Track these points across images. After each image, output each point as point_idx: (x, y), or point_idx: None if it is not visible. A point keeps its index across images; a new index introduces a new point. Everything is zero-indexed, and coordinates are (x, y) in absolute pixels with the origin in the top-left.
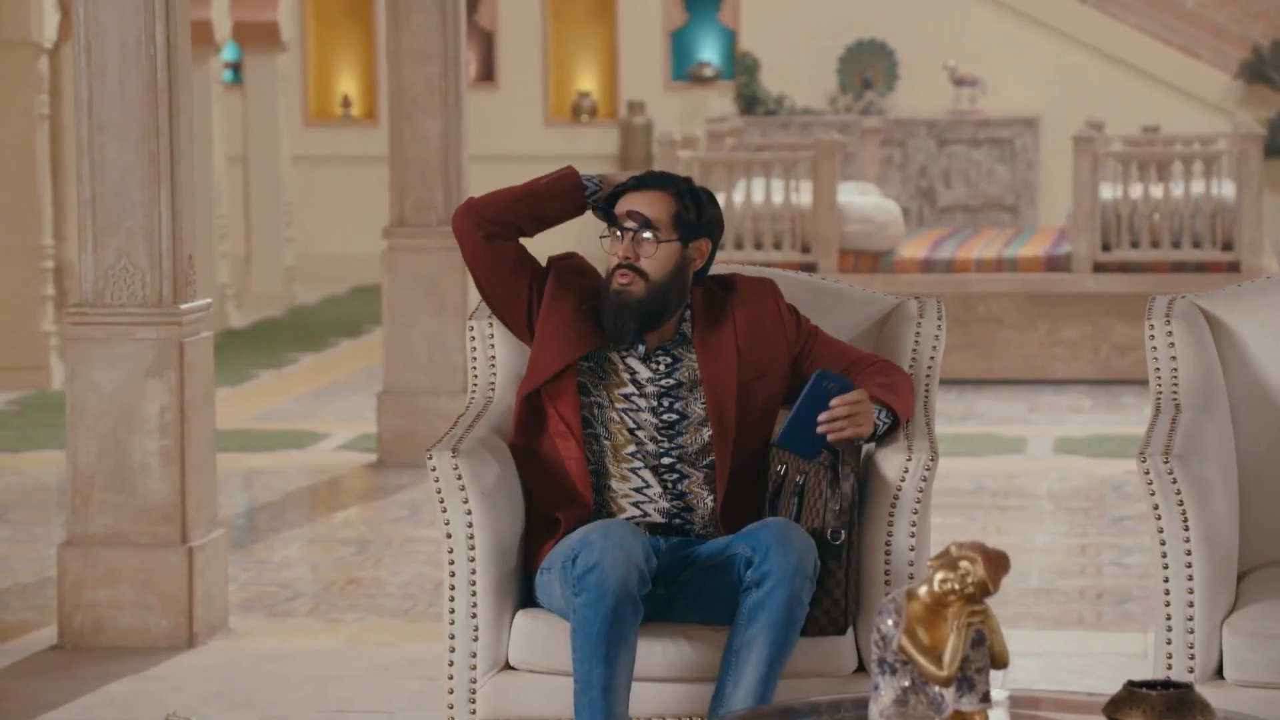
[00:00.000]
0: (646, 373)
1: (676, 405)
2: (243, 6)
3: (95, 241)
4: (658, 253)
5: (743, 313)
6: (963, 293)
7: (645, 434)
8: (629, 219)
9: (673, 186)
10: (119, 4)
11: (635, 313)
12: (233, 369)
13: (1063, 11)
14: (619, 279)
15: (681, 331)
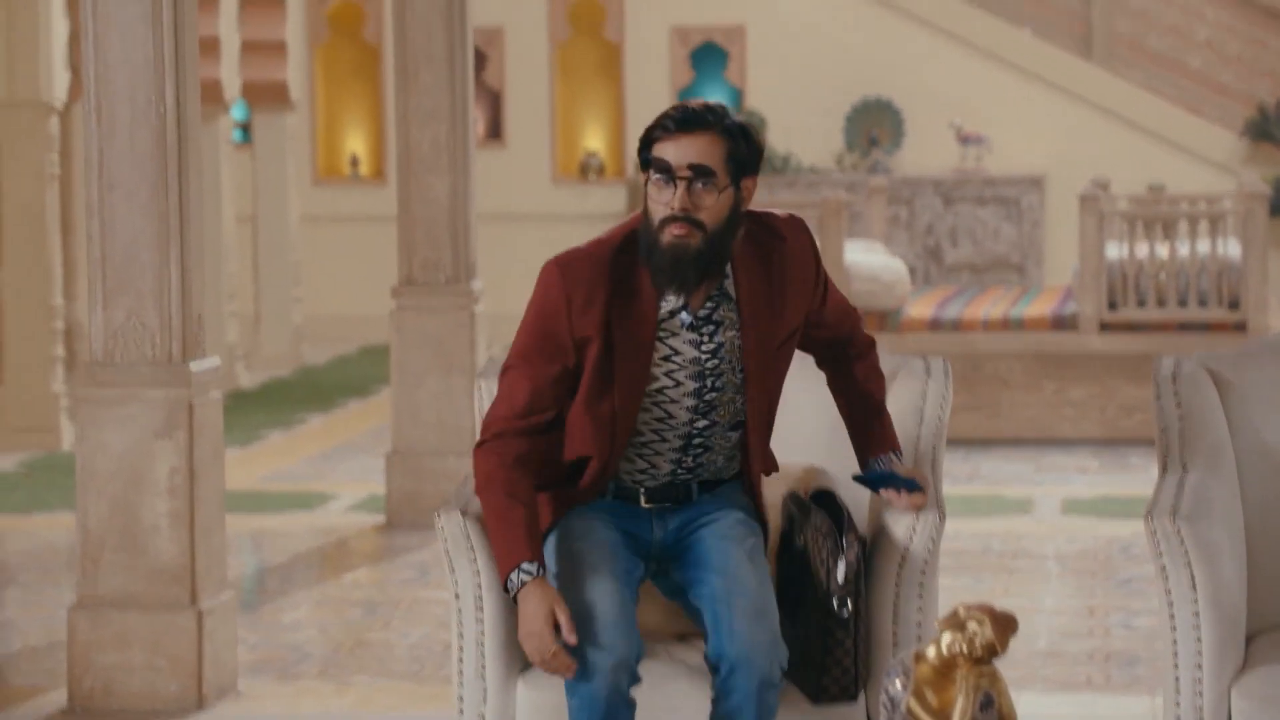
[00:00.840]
0: (692, 351)
1: (718, 383)
2: (252, 66)
3: (105, 301)
4: (717, 201)
5: (785, 263)
6: (969, 352)
7: (679, 419)
8: (686, 170)
9: (718, 123)
10: (129, 64)
11: (695, 265)
12: (242, 429)
13: (1068, 70)
14: (674, 231)
15: (724, 288)
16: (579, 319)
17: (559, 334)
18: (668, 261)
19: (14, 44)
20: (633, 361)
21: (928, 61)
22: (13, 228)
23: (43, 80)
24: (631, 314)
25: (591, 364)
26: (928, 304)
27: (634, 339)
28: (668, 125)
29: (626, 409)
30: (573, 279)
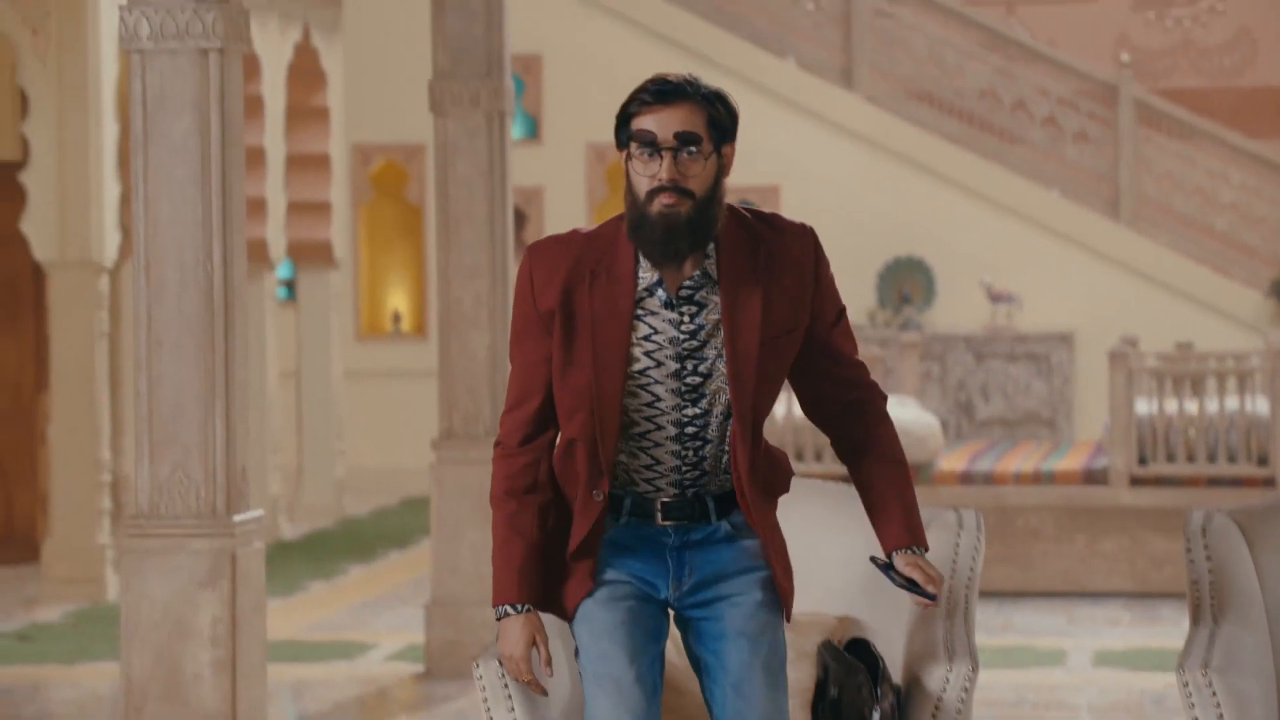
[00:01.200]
0: (672, 331)
1: (701, 367)
2: (297, 225)
3: (151, 455)
4: (704, 169)
5: (773, 254)
6: (1001, 505)
7: (667, 403)
8: (674, 139)
9: (696, 92)
10: (178, 224)
11: (688, 233)
12: (284, 580)
13: (1097, 230)
14: (664, 201)
15: (705, 269)
16: (541, 294)
17: (529, 312)
18: (660, 232)
19: (66, 204)
20: (609, 332)
21: (959, 221)
22: (62, 383)
23: (94, 240)
24: (607, 286)
25: (556, 337)
26: (960, 457)
27: (610, 309)
28: (646, 98)
29: (607, 386)
30: (537, 257)
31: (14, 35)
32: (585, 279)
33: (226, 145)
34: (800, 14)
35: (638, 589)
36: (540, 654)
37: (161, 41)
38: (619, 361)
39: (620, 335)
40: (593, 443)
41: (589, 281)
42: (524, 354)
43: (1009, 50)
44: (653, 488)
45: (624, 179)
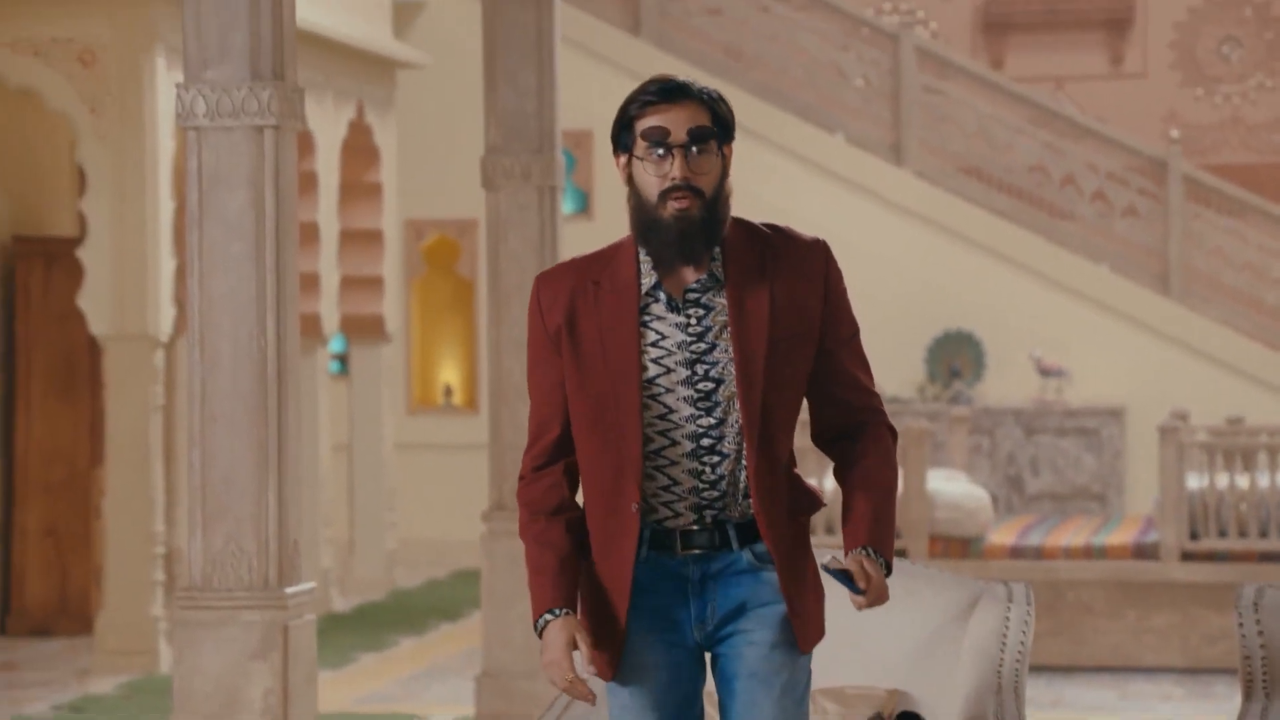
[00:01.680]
0: (679, 335)
1: (712, 372)
2: (350, 300)
3: (205, 527)
4: (713, 166)
5: (780, 259)
6: (1051, 579)
7: (680, 413)
8: (686, 136)
9: (698, 93)
10: (232, 300)
11: (702, 234)
12: (335, 651)
13: (1146, 305)
14: (676, 202)
15: (711, 271)
16: (548, 314)
17: (540, 337)
18: (674, 235)
19: (123, 280)
20: (618, 338)
21: (1008, 295)
22: (117, 456)
23: (149, 315)
24: (611, 294)
25: (566, 353)
26: (1010, 531)
27: (616, 316)
28: (651, 98)
29: (624, 390)
30: (543, 281)
31: (73, 113)
32: (589, 291)
33: (280, 221)
34: (849, 90)
35: (665, 650)
36: (583, 653)
37: (217, 119)
38: (633, 366)
39: (629, 339)
40: (617, 456)
41: (593, 293)
42: (538, 382)
43: (1058, 126)
44: (671, 512)
45: (626, 186)
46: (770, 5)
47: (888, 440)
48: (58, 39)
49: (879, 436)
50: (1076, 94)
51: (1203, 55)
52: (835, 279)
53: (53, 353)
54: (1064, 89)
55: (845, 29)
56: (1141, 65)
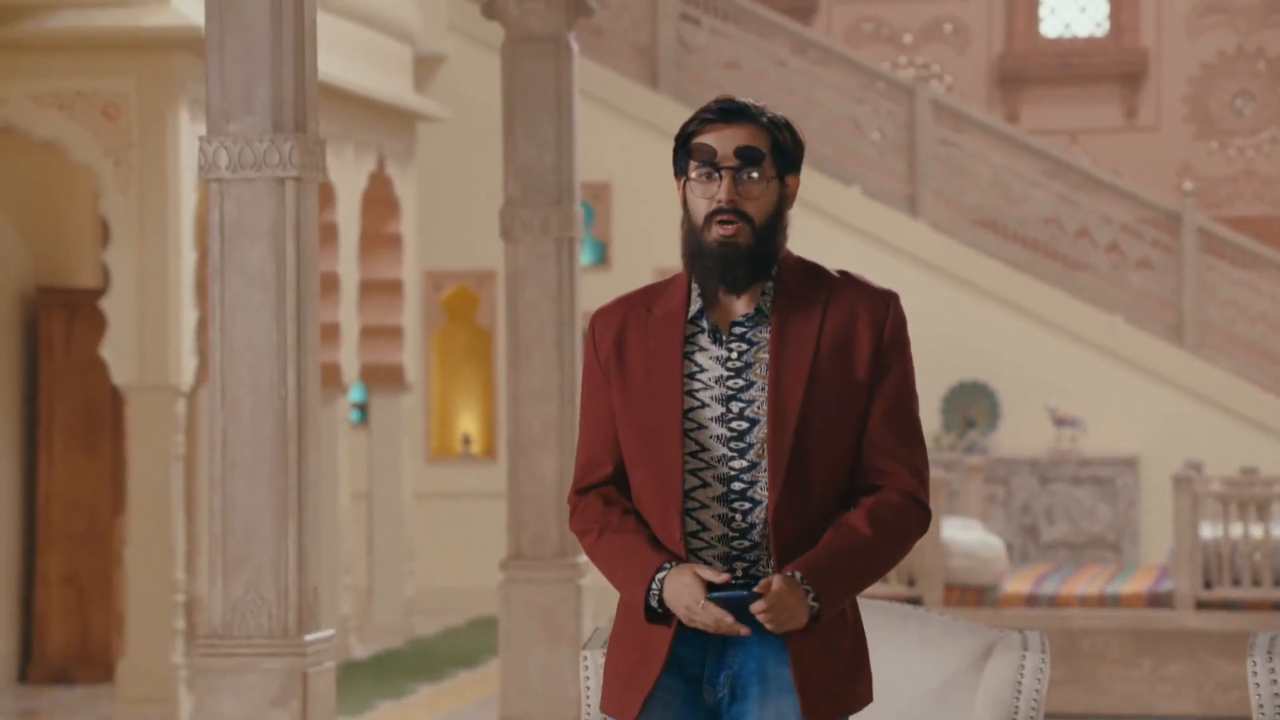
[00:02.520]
0: (718, 369)
1: (747, 411)
2: (370, 350)
3: (225, 575)
4: (764, 193)
5: (840, 305)
6: (1066, 628)
7: (713, 453)
8: (734, 157)
9: (761, 116)
10: (253, 350)
11: (746, 262)
12: (353, 699)
13: (1161, 356)
14: (721, 227)
15: (760, 305)
16: (600, 343)
17: (593, 368)
18: (716, 261)
19: (145, 330)
20: (661, 365)
21: (1023, 346)
22: (139, 505)
23: (171, 365)
24: (660, 320)
25: (614, 379)
26: (1025, 580)
27: (661, 342)
28: (709, 116)
29: (666, 419)
30: (600, 315)
31: (97, 166)
32: (640, 318)
33: (301, 271)
34: (865, 143)
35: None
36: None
37: (239, 171)
38: (675, 394)
39: (673, 367)
40: (662, 490)
41: (644, 320)
42: (589, 417)
43: (1073, 178)
44: (700, 560)
45: (682, 209)
46: (787, 59)
47: (897, 504)
48: (82, 92)
49: (889, 498)
50: (1091, 147)
51: (1216, 109)
52: (894, 332)
53: (75, 402)
54: (1079, 142)
55: (861, 83)
56: (1155, 119)
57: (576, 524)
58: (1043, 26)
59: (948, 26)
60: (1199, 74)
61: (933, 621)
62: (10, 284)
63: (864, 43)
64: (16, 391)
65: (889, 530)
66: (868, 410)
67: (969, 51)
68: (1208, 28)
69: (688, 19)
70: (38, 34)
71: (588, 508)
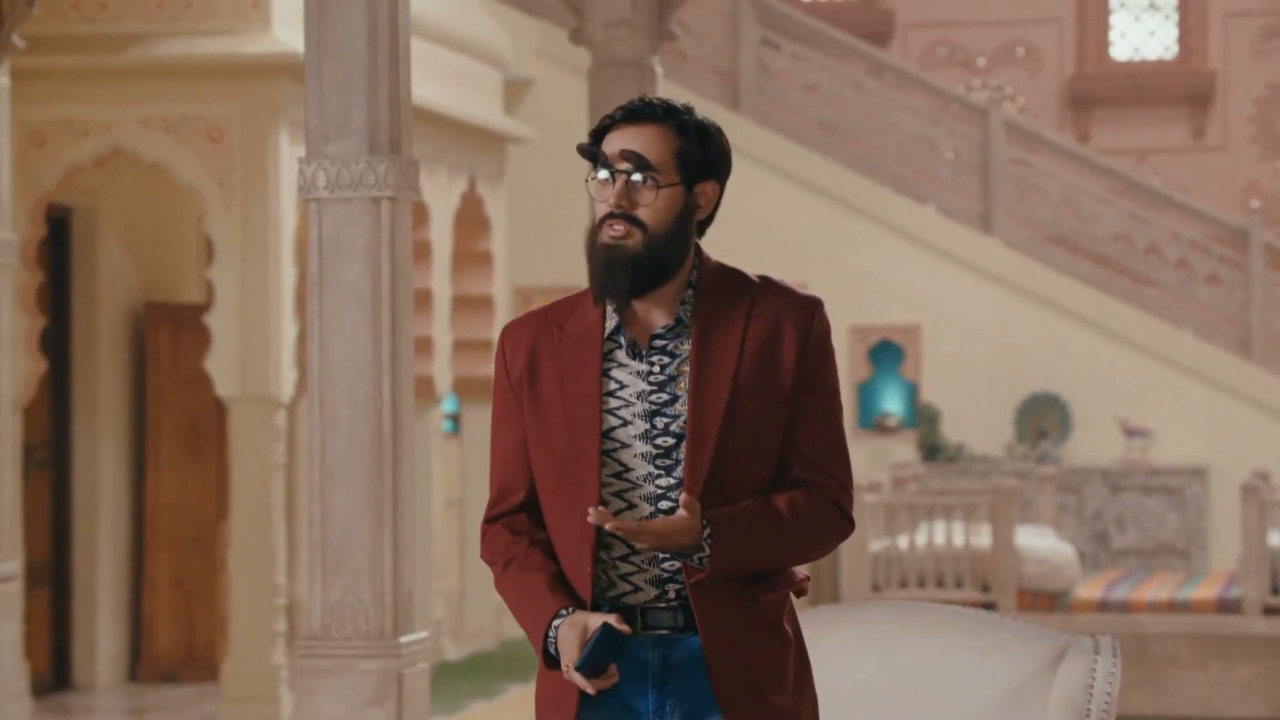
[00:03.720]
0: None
1: (672, 426)
2: (462, 363)
3: (324, 579)
4: (657, 199)
5: (763, 314)
6: (1137, 632)
7: (638, 472)
8: (621, 159)
9: (673, 119)
10: (350, 363)
11: (630, 269)
12: (447, 699)
13: (1228, 368)
14: (610, 230)
15: (680, 316)
16: (512, 363)
17: (504, 389)
18: (600, 264)
19: (247, 344)
20: (578, 384)
21: (1094, 359)
22: (241, 512)
23: (272, 377)
24: (574, 337)
25: (526, 403)
26: (1096, 586)
27: (578, 360)
28: (614, 116)
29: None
30: (509, 331)
31: (202, 187)
32: (552, 334)
33: (396, 288)
34: (940, 163)
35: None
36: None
37: (337, 191)
38: (593, 416)
39: (590, 387)
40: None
41: (556, 338)
42: (500, 443)
43: (1142, 197)
44: (630, 586)
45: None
46: (864, 82)
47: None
48: (188, 116)
49: (812, 499)
50: (1160, 166)
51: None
52: (819, 339)
53: (181, 414)
54: (1148, 162)
55: (936, 105)
56: (1223, 139)
57: (485, 554)
58: (1113, 50)
59: (1020, 50)
60: (1265, 95)
61: (1006, 626)
62: (120, 300)
63: (939, 66)
64: (126, 404)
65: (805, 523)
66: (792, 420)
67: (1041, 74)
68: (1273, 50)
69: (768, 44)
70: (146, 61)
71: (495, 538)
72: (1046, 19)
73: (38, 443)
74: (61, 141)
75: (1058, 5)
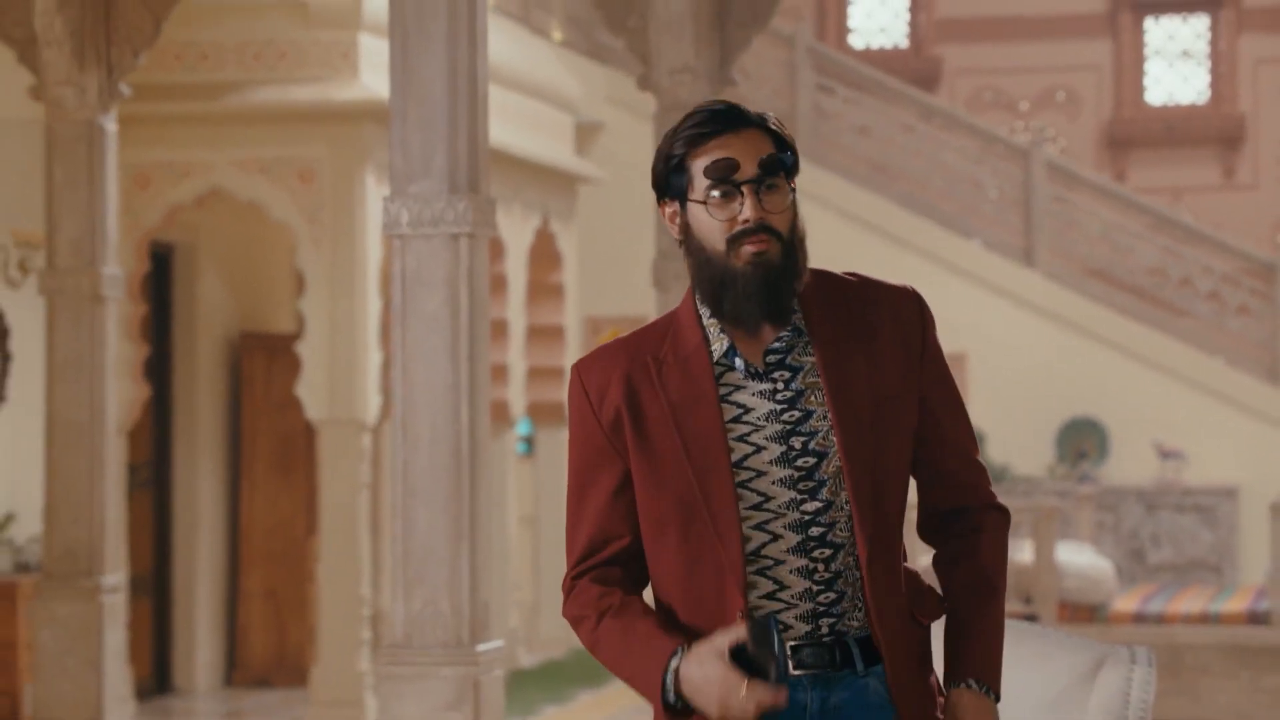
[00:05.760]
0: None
1: (811, 444)
2: (536, 388)
3: (406, 591)
4: (787, 204)
5: (878, 312)
6: (1171, 643)
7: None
8: (755, 169)
9: (760, 120)
10: (431, 389)
11: (785, 284)
12: (521, 704)
13: (1258, 394)
14: (752, 246)
15: (795, 325)
16: (601, 404)
17: (593, 434)
18: (754, 285)
19: (335, 371)
20: (697, 419)
21: (1131, 385)
22: (329, 528)
23: (358, 402)
24: (677, 368)
25: (632, 448)
26: (1132, 599)
27: (690, 393)
28: (707, 128)
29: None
30: (585, 368)
31: (294, 223)
32: (647, 367)
33: (474, 318)
34: (984, 200)
35: None
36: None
37: (419, 228)
38: (719, 450)
39: (711, 419)
40: (715, 564)
41: (654, 370)
42: (588, 489)
43: (1176, 233)
44: (780, 625)
45: (679, 239)
46: (914, 125)
47: (1002, 532)
48: (280, 158)
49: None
50: (1193, 204)
51: None
52: (932, 332)
53: (274, 436)
54: (1182, 199)
55: (981, 146)
56: (1253, 178)
57: (571, 610)
58: (1148, 95)
59: (1061, 95)
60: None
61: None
62: (217, 330)
63: (984, 109)
64: (223, 426)
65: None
66: (929, 416)
67: (1080, 117)
68: None
69: (823, 89)
70: (242, 107)
71: (582, 593)
72: (1086, 66)
73: (141, 463)
74: (164, 182)
75: (1096, 53)
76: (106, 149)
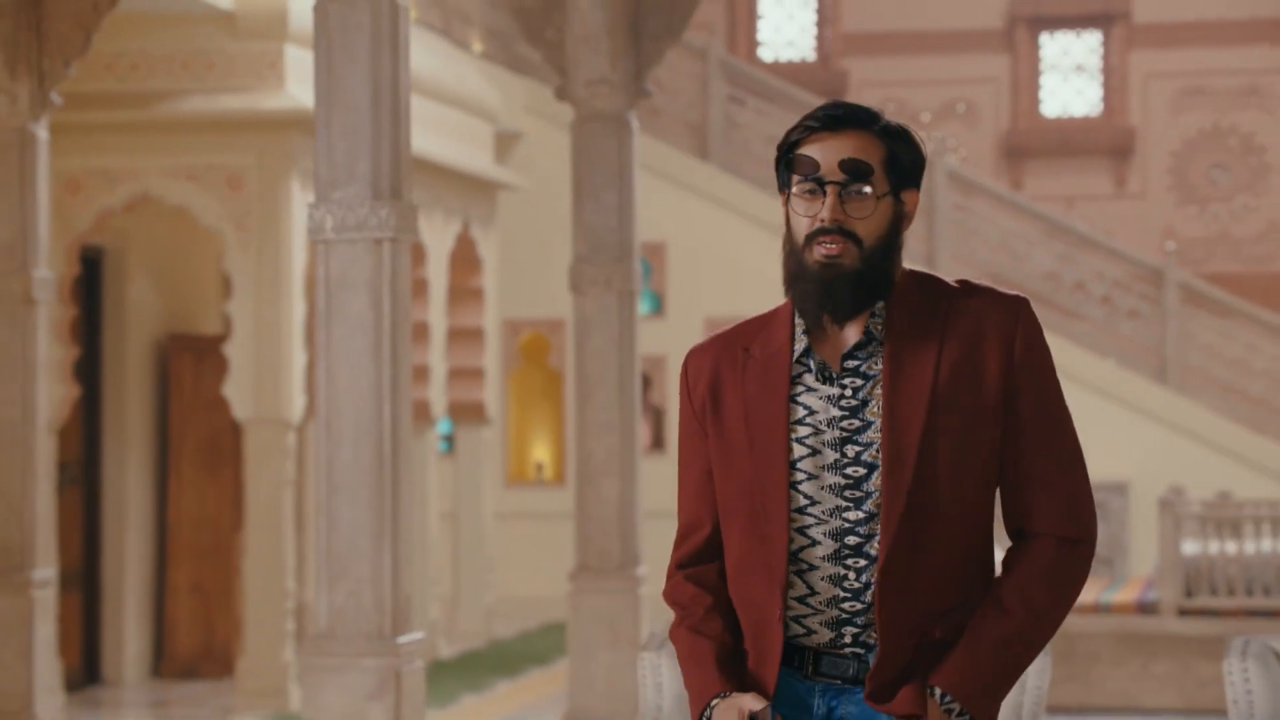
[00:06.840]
0: (830, 410)
1: (864, 455)
2: (456, 388)
3: (329, 585)
4: (875, 210)
5: (960, 320)
6: (1065, 632)
7: (822, 505)
8: (839, 170)
9: (875, 124)
10: (354, 389)
11: (851, 288)
12: (441, 693)
13: (1147, 394)
14: (823, 247)
15: (871, 331)
16: (694, 390)
17: (689, 420)
18: (817, 285)
19: (261, 371)
20: (764, 412)
21: None
22: (255, 523)
23: (284, 401)
24: (760, 361)
25: (710, 431)
26: None
27: (764, 385)
28: (813, 124)
29: (771, 474)
30: (691, 355)
31: (222, 229)
32: (736, 357)
33: (396, 321)
34: None
35: None
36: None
37: (343, 233)
38: (779, 445)
39: (777, 414)
40: (766, 556)
41: (741, 361)
42: (688, 474)
43: (1069, 239)
44: (803, 629)
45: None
46: None
47: (1049, 560)
48: (209, 165)
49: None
50: (1086, 212)
51: (1195, 179)
52: (1027, 343)
53: (201, 434)
54: (1075, 207)
55: None
56: (1142, 187)
57: (668, 596)
58: (1043, 107)
59: (961, 107)
60: (1180, 149)
61: None
62: (146, 331)
63: None
64: (151, 425)
65: (1042, 603)
66: (1007, 437)
67: (979, 128)
68: (1188, 108)
69: (734, 100)
70: (172, 116)
71: (679, 589)
72: (984, 79)
73: (71, 461)
74: (95, 188)
75: (995, 67)
76: (38, 156)
